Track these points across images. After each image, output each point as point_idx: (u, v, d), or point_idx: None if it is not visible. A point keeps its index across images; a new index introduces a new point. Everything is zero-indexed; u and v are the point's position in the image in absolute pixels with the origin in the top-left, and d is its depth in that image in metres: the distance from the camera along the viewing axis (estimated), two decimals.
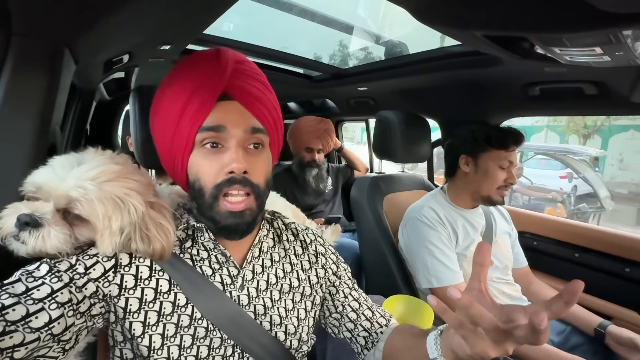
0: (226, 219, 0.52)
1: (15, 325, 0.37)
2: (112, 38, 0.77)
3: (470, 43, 0.81)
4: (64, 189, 0.44)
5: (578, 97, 1.14)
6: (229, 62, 0.53)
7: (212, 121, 0.51)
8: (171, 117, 0.52)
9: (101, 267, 0.48)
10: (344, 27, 1.49)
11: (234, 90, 0.52)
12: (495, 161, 1.10)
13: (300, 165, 1.96)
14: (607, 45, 0.50)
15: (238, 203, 0.52)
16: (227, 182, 0.51)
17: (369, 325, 0.68)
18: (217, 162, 0.52)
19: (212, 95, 0.51)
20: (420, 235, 1.11)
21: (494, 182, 1.10)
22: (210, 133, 0.51)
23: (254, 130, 0.54)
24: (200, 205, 0.54)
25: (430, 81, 1.47)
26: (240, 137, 0.52)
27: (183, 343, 0.51)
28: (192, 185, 0.54)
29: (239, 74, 0.53)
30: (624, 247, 1.27)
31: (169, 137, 0.53)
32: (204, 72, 0.52)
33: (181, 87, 0.52)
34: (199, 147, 0.52)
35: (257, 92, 0.55)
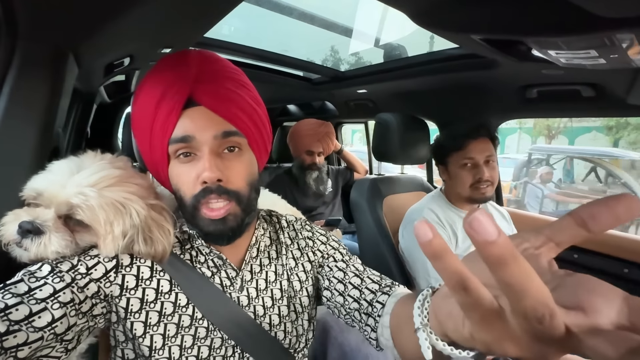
0: (208, 226, 0.52)
1: (19, 324, 0.37)
2: (114, 42, 0.78)
3: (468, 46, 0.82)
4: (64, 196, 0.45)
5: (575, 99, 1.15)
6: (192, 65, 0.50)
7: (179, 132, 0.49)
8: (144, 129, 0.51)
9: (102, 268, 0.48)
10: (343, 31, 1.51)
11: (200, 94, 0.49)
12: (457, 162, 1.13)
13: (301, 168, 1.96)
14: (602, 48, 0.51)
15: (218, 210, 0.51)
16: (202, 192, 0.50)
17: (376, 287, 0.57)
18: (192, 171, 0.50)
19: (176, 104, 0.48)
20: None
21: (463, 183, 1.13)
22: (180, 144, 0.49)
23: (225, 134, 0.50)
24: (184, 214, 0.54)
25: (429, 83, 1.48)
26: (210, 143, 0.50)
27: (184, 343, 0.51)
28: (175, 195, 0.54)
29: (205, 76, 0.50)
30: (623, 248, 1.28)
31: (147, 149, 0.52)
32: (168, 79, 0.49)
33: (148, 96, 0.50)
34: (174, 157, 0.51)
35: (226, 92, 0.51)
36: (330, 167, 2.17)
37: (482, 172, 1.10)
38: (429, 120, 1.63)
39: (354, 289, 0.58)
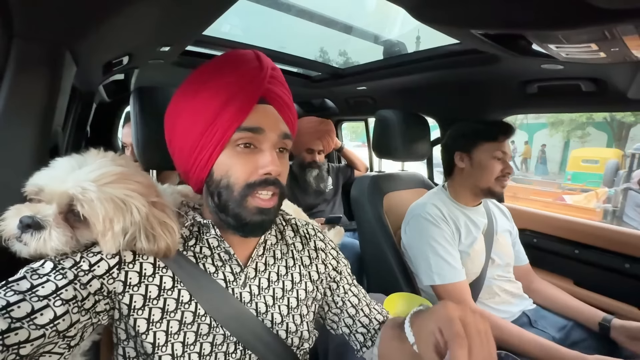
0: (254, 215, 0.54)
1: (21, 322, 0.37)
2: (112, 40, 0.78)
3: (468, 41, 0.81)
4: (63, 189, 0.45)
5: (576, 94, 1.15)
6: (268, 68, 0.56)
7: (251, 122, 0.53)
8: (206, 113, 0.52)
9: (105, 264, 0.48)
10: (342, 27, 1.50)
11: (270, 95, 0.55)
12: (489, 152, 1.12)
13: (301, 166, 1.96)
14: (603, 42, 0.51)
15: (268, 200, 0.54)
16: (262, 182, 0.53)
17: (367, 322, 0.68)
18: (250, 162, 0.53)
19: (253, 97, 0.53)
20: (424, 233, 1.11)
21: (490, 173, 1.11)
22: (247, 133, 0.53)
23: (284, 135, 0.56)
24: (225, 202, 0.54)
25: (429, 80, 1.47)
26: (274, 140, 0.55)
27: (186, 340, 0.51)
28: (218, 182, 0.54)
29: (273, 80, 0.56)
30: (623, 243, 1.28)
31: (198, 133, 0.53)
32: (246, 75, 0.54)
33: (221, 85, 0.53)
34: (233, 145, 0.53)
35: (287, 99, 0.58)
36: (331, 164, 2.17)
37: (509, 166, 1.12)
38: (429, 117, 1.63)
39: (364, 317, 0.68)
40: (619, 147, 10.68)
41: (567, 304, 1.16)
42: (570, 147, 12.55)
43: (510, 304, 1.15)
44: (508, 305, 1.15)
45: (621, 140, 11.31)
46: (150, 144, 0.78)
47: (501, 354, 0.86)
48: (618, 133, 11.48)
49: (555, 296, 1.20)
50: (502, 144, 1.11)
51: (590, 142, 12.14)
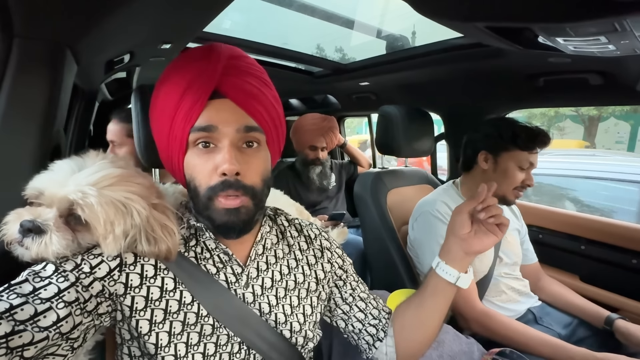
0: (222, 216, 0.52)
1: (24, 324, 0.37)
2: (113, 38, 0.78)
3: (472, 35, 0.80)
4: (64, 193, 0.45)
5: (583, 88, 1.13)
6: (221, 59, 0.52)
7: (203, 121, 0.50)
8: (165, 116, 0.52)
9: (106, 267, 0.48)
10: (344, 22, 1.48)
11: (226, 87, 0.51)
12: (517, 162, 1.06)
13: (304, 163, 1.96)
14: (612, 34, 0.49)
15: (233, 200, 0.52)
16: (221, 185, 0.51)
17: (377, 313, 0.69)
18: (210, 162, 0.51)
19: (203, 94, 0.50)
20: (432, 230, 1.10)
21: (511, 182, 1.06)
22: (202, 133, 0.51)
23: (247, 129, 0.52)
24: (196, 205, 0.54)
25: (433, 74, 1.46)
26: (232, 136, 0.51)
27: (190, 340, 0.51)
28: (189, 185, 0.54)
29: (232, 70, 0.52)
30: (630, 238, 1.26)
31: (165, 136, 0.53)
32: (195, 70, 0.51)
33: (173, 85, 0.51)
34: (193, 146, 0.52)
35: (251, 88, 0.53)
36: (334, 161, 2.16)
37: (531, 178, 1.07)
38: (433, 112, 1.61)
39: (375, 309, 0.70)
40: (590, 139, 11.09)
41: (572, 301, 1.15)
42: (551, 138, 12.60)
43: (516, 301, 1.14)
44: (514, 303, 1.14)
45: (592, 133, 11.50)
46: (152, 142, 0.78)
47: (506, 351, 0.85)
48: (589, 126, 11.61)
49: (560, 294, 1.19)
50: (534, 155, 1.06)
51: (569, 135, 12.20)
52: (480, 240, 0.64)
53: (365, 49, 1.64)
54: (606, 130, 11.30)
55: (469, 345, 0.89)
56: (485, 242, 0.64)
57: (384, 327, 0.68)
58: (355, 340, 0.70)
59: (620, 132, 11.02)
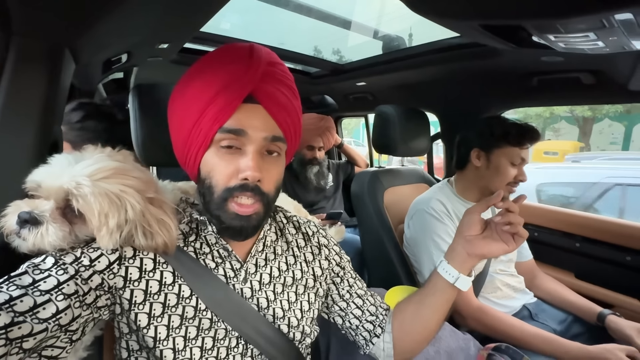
0: (232, 220, 0.52)
1: (24, 316, 0.38)
2: (110, 37, 0.78)
3: (467, 34, 0.81)
4: (59, 184, 0.45)
5: (576, 87, 1.14)
6: (261, 64, 0.51)
7: (233, 123, 0.50)
8: (193, 110, 0.51)
9: (106, 260, 0.49)
10: (341, 22, 1.49)
11: (261, 94, 0.51)
12: (508, 158, 1.08)
13: (302, 163, 1.96)
14: (601, 31, 0.50)
15: (247, 207, 0.52)
16: (240, 187, 0.51)
17: (374, 310, 0.70)
18: (232, 164, 0.51)
19: (237, 97, 0.49)
20: (427, 228, 1.11)
21: (504, 178, 1.09)
22: (230, 135, 0.50)
23: (274, 138, 0.53)
24: (208, 202, 0.54)
25: (428, 74, 1.47)
26: (259, 143, 0.52)
27: (188, 334, 0.52)
28: (203, 181, 0.54)
29: (268, 77, 0.52)
30: (624, 235, 1.28)
31: (187, 129, 0.52)
32: (234, 71, 0.50)
33: (209, 81, 0.51)
34: (216, 145, 0.52)
35: (284, 99, 0.53)
36: (331, 161, 2.17)
37: (524, 174, 1.09)
38: (429, 112, 1.63)
39: (372, 306, 0.71)
40: (585, 140, 11.12)
41: (566, 298, 1.16)
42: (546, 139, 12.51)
43: (512, 298, 1.15)
44: (510, 299, 1.15)
45: (586, 134, 11.59)
46: (150, 140, 0.79)
47: (502, 347, 0.86)
48: (583, 127, 11.73)
49: (555, 290, 1.20)
50: (525, 150, 1.08)
51: (564, 136, 12.26)
52: (487, 244, 0.61)
53: (362, 49, 1.65)
54: (600, 131, 11.42)
55: (465, 341, 0.90)
56: (493, 247, 0.61)
57: (381, 324, 0.69)
58: (352, 336, 0.71)
59: (614, 133, 11.13)
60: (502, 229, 0.60)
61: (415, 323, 0.67)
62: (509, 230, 0.60)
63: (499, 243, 0.61)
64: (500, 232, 0.61)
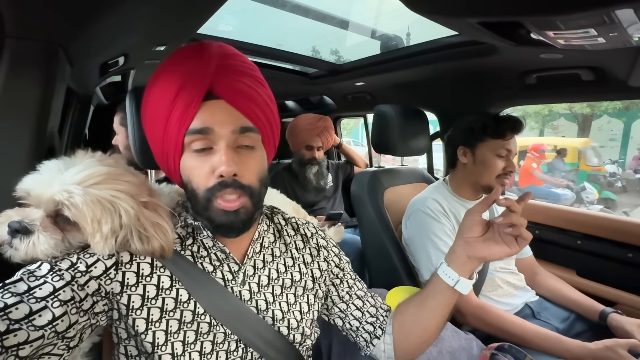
0: (221, 217, 0.52)
1: (19, 323, 0.37)
2: (106, 39, 0.77)
3: (465, 32, 0.80)
4: (49, 194, 0.45)
5: (575, 84, 1.14)
6: (213, 58, 0.51)
7: (198, 123, 0.50)
8: (158, 118, 0.51)
9: (102, 265, 0.48)
10: (338, 23, 1.49)
11: (220, 88, 0.50)
12: (492, 150, 1.10)
13: (301, 163, 1.96)
14: (601, 27, 0.50)
15: (232, 202, 0.52)
16: (219, 185, 0.51)
17: (374, 311, 0.69)
18: (206, 164, 0.51)
19: (196, 96, 0.49)
20: (424, 227, 1.11)
21: (492, 171, 1.10)
22: (197, 135, 0.50)
23: (243, 129, 0.52)
24: (195, 206, 0.54)
25: (427, 73, 1.47)
26: (228, 138, 0.51)
27: (187, 339, 0.51)
28: (186, 186, 0.54)
29: (225, 70, 0.51)
30: (626, 232, 1.27)
31: (159, 138, 0.52)
32: (187, 70, 0.50)
33: (166, 86, 0.50)
34: (188, 148, 0.51)
35: (245, 88, 0.52)
36: (330, 161, 2.17)
37: (513, 165, 1.10)
38: (428, 111, 1.62)
39: (372, 307, 0.70)
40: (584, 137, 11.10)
41: (568, 296, 1.15)
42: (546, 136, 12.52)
43: (513, 296, 1.15)
44: (511, 297, 1.14)
45: (585, 130, 11.63)
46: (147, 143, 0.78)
47: (505, 346, 0.85)
48: (582, 124, 11.76)
49: (556, 288, 1.20)
50: (509, 141, 1.09)
51: (563, 133, 12.26)
52: (488, 247, 0.59)
53: (360, 49, 1.65)
54: (599, 128, 11.44)
55: (467, 341, 0.89)
56: (494, 250, 0.58)
57: (381, 325, 0.68)
58: (353, 337, 0.70)
59: (613, 129, 11.16)
60: (504, 231, 0.58)
61: (416, 325, 0.66)
62: (511, 232, 0.57)
63: (501, 245, 0.58)
64: (503, 234, 0.58)
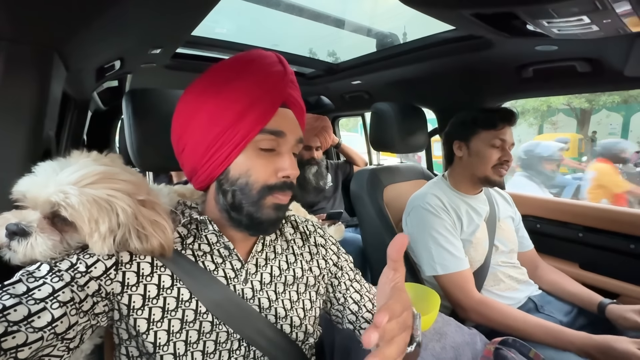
0: (271, 212, 0.55)
1: (18, 325, 0.37)
2: (101, 43, 0.77)
3: (459, 24, 0.80)
4: (45, 196, 0.44)
5: (572, 76, 1.14)
6: (287, 71, 0.57)
7: (274, 126, 0.54)
8: (229, 113, 0.52)
9: (102, 266, 0.48)
10: (333, 21, 1.49)
11: (290, 99, 0.56)
12: (486, 141, 1.11)
13: (300, 164, 1.94)
14: (594, 13, 0.50)
15: (286, 196, 0.56)
16: (282, 185, 0.55)
17: (370, 317, 0.68)
18: (271, 163, 0.54)
19: (277, 101, 0.54)
20: (425, 223, 1.11)
21: (487, 161, 1.11)
22: (270, 136, 0.54)
23: (300, 140, 0.58)
24: (240, 200, 0.54)
25: (423, 70, 1.47)
26: (292, 144, 0.57)
27: (189, 338, 0.51)
28: (234, 181, 0.54)
29: (292, 85, 0.57)
30: (628, 223, 1.27)
31: (218, 131, 0.52)
32: (270, 78, 0.55)
33: (245, 87, 0.53)
34: (254, 146, 0.54)
35: (302, 104, 0.60)
36: (330, 161, 2.16)
37: (508, 154, 1.11)
38: (426, 108, 1.62)
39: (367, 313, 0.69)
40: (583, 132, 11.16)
41: (567, 289, 1.15)
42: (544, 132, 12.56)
43: (515, 290, 1.14)
44: (513, 291, 1.14)
45: (584, 125, 11.64)
46: (145, 145, 0.78)
47: (509, 340, 0.85)
48: (581, 119, 11.77)
49: (555, 281, 1.19)
50: (501, 131, 1.10)
51: (562, 128, 12.29)
52: None
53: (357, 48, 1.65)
54: (599, 122, 11.47)
55: (471, 336, 0.88)
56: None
57: None
58: (351, 332, 0.70)
59: (612, 123, 11.18)
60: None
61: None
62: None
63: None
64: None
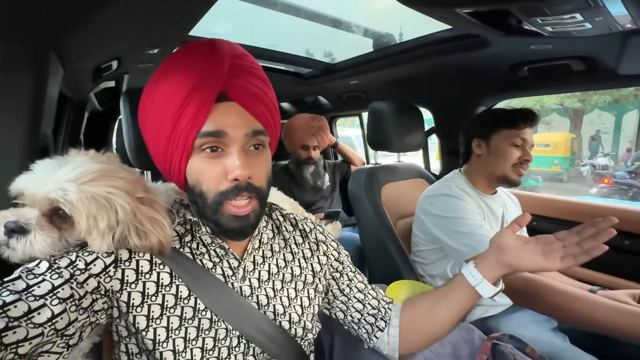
0: (231, 222, 0.52)
1: (18, 321, 0.37)
2: (98, 42, 0.78)
3: (455, 23, 0.81)
4: (44, 193, 0.45)
5: (566, 74, 1.15)
6: (225, 58, 0.49)
7: (211, 126, 0.49)
8: (166, 119, 0.49)
9: (101, 263, 0.48)
10: (330, 21, 1.50)
11: (233, 89, 0.49)
12: (507, 139, 1.10)
13: (297, 163, 1.96)
14: (586, 11, 0.50)
15: (244, 207, 0.51)
16: (234, 189, 0.50)
17: (376, 303, 0.69)
18: (218, 166, 0.50)
19: (209, 97, 0.48)
20: (455, 209, 1.08)
21: (507, 160, 1.10)
22: (209, 138, 0.49)
23: (255, 132, 0.51)
24: (202, 209, 0.53)
25: (420, 69, 1.48)
26: (241, 141, 0.50)
27: (188, 335, 0.51)
28: (192, 189, 0.53)
29: (236, 71, 0.50)
30: (622, 219, 1.27)
31: (164, 139, 0.51)
32: (199, 70, 0.48)
33: (175, 86, 0.49)
34: (198, 151, 0.50)
35: (257, 90, 0.51)
36: (327, 161, 2.17)
37: (528, 154, 1.11)
38: (423, 107, 1.63)
39: (374, 299, 0.69)
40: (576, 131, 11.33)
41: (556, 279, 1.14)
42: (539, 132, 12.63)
43: None
44: None
45: (577, 125, 11.77)
46: (143, 145, 0.78)
47: (505, 336, 0.85)
48: (574, 118, 11.87)
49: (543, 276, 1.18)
50: (523, 130, 1.10)
51: (556, 128, 12.39)
52: (520, 255, 0.57)
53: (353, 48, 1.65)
54: (591, 122, 11.57)
55: (469, 331, 0.89)
56: (526, 259, 0.57)
57: (384, 317, 0.68)
58: (355, 330, 0.70)
59: (604, 122, 11.27)
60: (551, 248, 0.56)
61: (427, 320, 0.66)
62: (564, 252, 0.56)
63: (537, 257, 0.56)
64: (547, 250, 0.56)
